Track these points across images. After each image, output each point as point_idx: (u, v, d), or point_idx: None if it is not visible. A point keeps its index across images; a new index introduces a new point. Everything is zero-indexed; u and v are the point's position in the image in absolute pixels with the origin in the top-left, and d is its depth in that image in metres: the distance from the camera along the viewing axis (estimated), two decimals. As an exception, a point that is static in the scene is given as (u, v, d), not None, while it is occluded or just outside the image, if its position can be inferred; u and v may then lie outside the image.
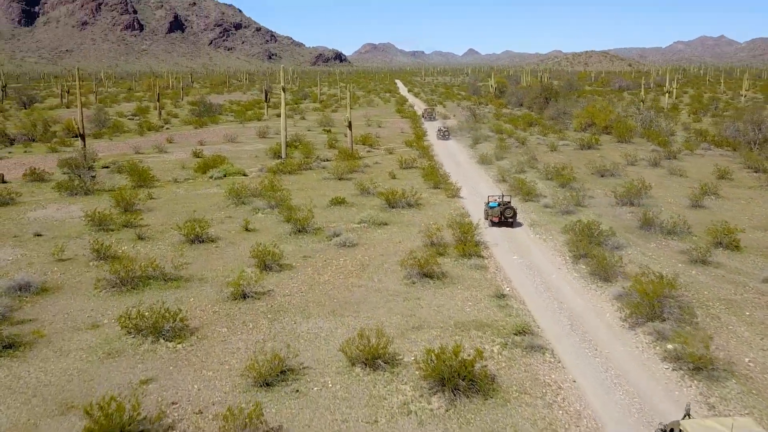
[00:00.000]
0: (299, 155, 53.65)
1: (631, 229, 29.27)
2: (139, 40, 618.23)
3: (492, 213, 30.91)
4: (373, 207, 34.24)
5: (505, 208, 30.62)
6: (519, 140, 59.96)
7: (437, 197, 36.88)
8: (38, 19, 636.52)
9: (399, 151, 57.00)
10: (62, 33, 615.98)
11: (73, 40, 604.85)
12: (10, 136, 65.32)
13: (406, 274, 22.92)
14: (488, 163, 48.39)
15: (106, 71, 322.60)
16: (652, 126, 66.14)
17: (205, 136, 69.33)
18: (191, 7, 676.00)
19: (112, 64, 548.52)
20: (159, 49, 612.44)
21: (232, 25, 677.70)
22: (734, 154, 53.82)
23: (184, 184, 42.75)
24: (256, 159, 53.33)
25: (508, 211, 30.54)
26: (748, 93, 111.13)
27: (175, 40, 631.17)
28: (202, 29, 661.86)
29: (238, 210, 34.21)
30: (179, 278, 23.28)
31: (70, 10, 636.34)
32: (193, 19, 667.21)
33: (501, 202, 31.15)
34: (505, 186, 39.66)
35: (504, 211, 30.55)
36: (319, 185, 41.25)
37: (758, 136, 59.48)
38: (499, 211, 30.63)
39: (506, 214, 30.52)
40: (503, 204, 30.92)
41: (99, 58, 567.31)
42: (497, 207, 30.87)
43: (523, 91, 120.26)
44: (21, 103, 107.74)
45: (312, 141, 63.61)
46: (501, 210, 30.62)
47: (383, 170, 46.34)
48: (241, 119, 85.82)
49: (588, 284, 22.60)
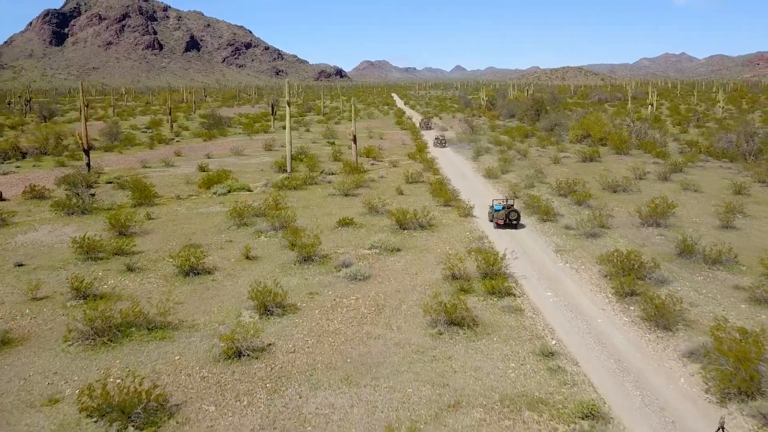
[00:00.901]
0: (304, 169, 48.22)
1: (668, 256, 23.89)
2: (158, 58, 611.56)
3: (497, 216, 29.40)
4: (383, 229, 28.81)
5: (509, 210, 29.21)
6: (520, 152, 54.52)
7: (449, 216, 31.43)
8: (67, 39, 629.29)
9: (403, 163, 51.57)
10: (89, 52, 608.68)
11: (99, 58, 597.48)
12: (23, 150, 59.73)
13: (430, 320, 17.52)
14: (495, 177, 42.95)
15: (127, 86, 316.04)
16: (646, 137, 60.84)
17: (212, 148, 63.76)
18: (206, 29, 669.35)
19: (134, 80, 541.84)
20: (176, 67, 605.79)
21: (243, 44, 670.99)
22: (734, 166, 48.54)
23: (186, 201, 37.23)
24: (261, 173, 47.83)
25: (512, 213, 29.15)
26: (722, 105, 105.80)
27: (191, 58, 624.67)
28: (215, 48, 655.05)
29: (240, 233, 28.73)
30: (166, 326, 17.82)
31: (96, 32, 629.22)
32: (208, 39, 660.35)
33: (505, 205, 29.70)
34: (519, 203, 34.30)
35: (509, 214, 29.11)
36: (324, 202, 35.78)
37: (753, 147, 54.32)
38: (503, 214, 29.18)
39: (511, 216, 29.12)
40: (507, 207, 29.50)
41: (122, 75, 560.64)
42: (502, 210, 29.43)
43: (513, 104, 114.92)
44: (41, 116, 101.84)
45: (317, 153, 58.12)
46: (506, 213, 29.16)
47: (389, 185, 40.91)
48: (248, 132, 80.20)
49: (644, 333, 17.18)
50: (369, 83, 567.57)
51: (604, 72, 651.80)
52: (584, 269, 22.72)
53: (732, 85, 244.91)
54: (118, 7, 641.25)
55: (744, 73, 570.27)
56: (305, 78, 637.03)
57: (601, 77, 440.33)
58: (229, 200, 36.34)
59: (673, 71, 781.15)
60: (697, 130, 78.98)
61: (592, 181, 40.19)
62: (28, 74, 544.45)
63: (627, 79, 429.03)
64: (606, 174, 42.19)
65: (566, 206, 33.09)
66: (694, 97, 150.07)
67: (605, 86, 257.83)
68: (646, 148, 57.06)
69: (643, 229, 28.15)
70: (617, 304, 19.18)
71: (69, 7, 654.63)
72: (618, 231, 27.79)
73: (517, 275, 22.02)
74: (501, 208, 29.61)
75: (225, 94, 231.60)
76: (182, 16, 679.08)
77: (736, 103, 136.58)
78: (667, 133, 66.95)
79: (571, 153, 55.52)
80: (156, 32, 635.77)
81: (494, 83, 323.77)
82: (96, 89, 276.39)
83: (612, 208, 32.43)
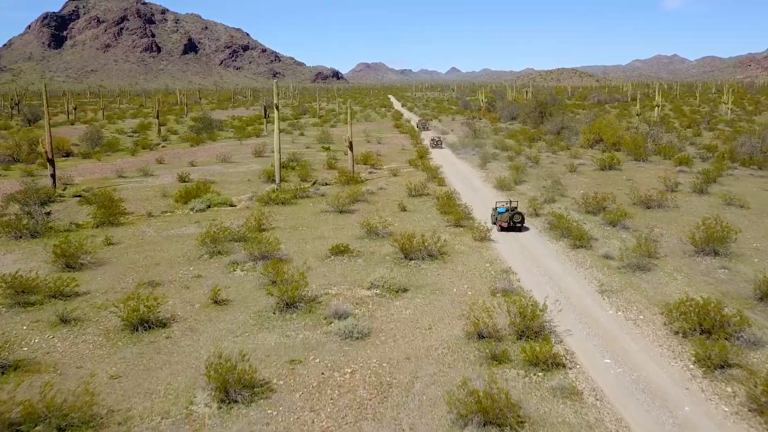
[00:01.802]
0: (295, 179, 42.93)
1: (746, 301, 18.68)
2: (156, 61, 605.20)
3: (501, 218, 27.68)
4: (384, 258, 23.54)
5: (513, 213, 27.51)
6: (531, 159, 49.25)
7: (463, 240, 26.14)
8: (66, 42, 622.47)
9: (404, 171, 46.30)
10: (88, 55, 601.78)
11: (97, 61, 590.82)
12: (-7, 157, 54.29)
13: (456, 417, 12.22)
14: (508, 188, 37.66)
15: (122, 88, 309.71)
16: (662, 142, 55.64)
17: (199, 155, 58.40)
18: (203, 31, 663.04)
19: (132, 82, 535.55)
20: (174, 69, 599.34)
21: (240, 47, 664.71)
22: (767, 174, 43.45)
23: (158, 219, 31.85)
24: (248, 183, 42.50)
25: (516, 216, 27.46)
26: (730, 106, 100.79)
27: (189, 61, 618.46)
28: (213, 51, 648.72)
29: (212, 264, 23.38)
30: (87, 421, 12.51)
31: (94, 34, 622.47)
32: (205, 41, 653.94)
33: (509, 207, 28.02)
34: (541, 221, 29.05)
35: (512, 217, 27.42)
36: (316, 221, 30.45)
37: (781, 153, 49.31)
38: (507, 217, 27.44)
39: (515, 219, 27.46)
40: (511, 209, 27.83)
41: (121, 77, 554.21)
42: (506, 212, 27.69)
43: (514, 106, 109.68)
44: (26, 120, 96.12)
45: (310, 160, 52.81)
46: (510, 215, 27.42)
47: (390, 198, 35.63)
48: (240, 136, 74.71)
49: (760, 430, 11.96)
50: (365, 85, 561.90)
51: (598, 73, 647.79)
52: (644, 321, 17.45)
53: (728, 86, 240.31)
54: (116, 10, 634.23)
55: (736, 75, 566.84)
56: (302, 80, 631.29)
57: (596, 78, 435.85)
58: (208, 218, 31.05)
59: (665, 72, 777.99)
60: (710, 133, 73.90)
61: (618, 193, 35.00)
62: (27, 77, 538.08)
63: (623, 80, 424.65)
64: (632, 185, 37.01)
65: (598, 227, 27.82)
66: (696, 98, 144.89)
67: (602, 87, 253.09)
68: (665, 153, 51.90)
69: (698, 259, 22.90)
70: (706, 382, 13.90)
71: (68, 10, 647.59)
72: (669, 262, 22.54)
73: (560, 329, 16.76)
74: (504, 210, 27.83)
75: (220, 96, 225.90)
76: (180, 18, 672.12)
77: (739, 105, 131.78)
78: (683, 137, 61.67)
79: (585, 159, 50.32)
80: (154, 35, 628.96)
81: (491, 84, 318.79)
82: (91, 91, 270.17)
83: (652, 228, 27.21)
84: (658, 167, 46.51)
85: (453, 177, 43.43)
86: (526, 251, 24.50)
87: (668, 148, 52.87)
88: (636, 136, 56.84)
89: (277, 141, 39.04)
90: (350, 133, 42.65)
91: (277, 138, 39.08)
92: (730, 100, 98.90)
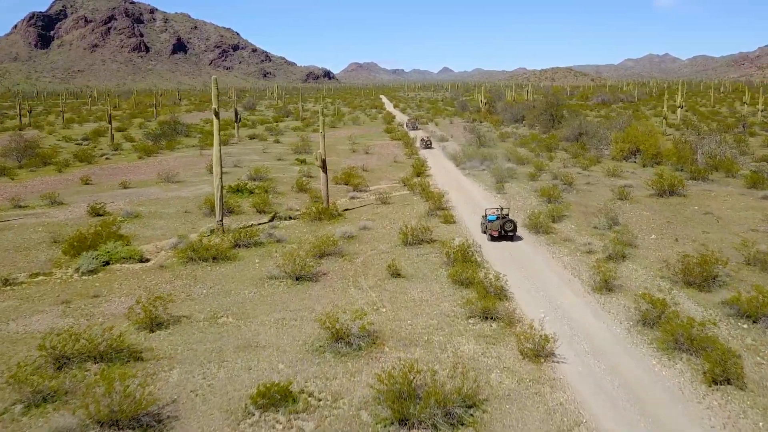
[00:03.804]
0: (250, 209, 31.37)
1: None
2: (145, 61, 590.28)
3: (491, 227, 24.70)
4: (358, 420, 11.92)
5: (505, 221, 24.54)
6: (560, 178, 37.65)
7: (502, 357, 14.41)
8: (53, 42, 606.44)
9: (396, 196, 34.82)
10: (75, 55, 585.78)
11: (84, 61, 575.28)
12: None
13: None
14: (545, 230, 25.92)
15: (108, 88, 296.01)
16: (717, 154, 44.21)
17: (141, 171, 46.54)
18: (193, 31, 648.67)
19: (120, 83, 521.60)
20: (163, 69, 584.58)
21: (230, 46, 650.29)
22: None
23: (18, 289, 20.15)
24: (184, 217, 30.79)
25: (508, 224, 24.49)
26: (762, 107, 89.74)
27: (178, 61, 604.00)
28: (202, 50, 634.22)
29: None
30: None
31: (82, 34, 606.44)
32: (195, 41, 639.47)
33: (500, 215, 25.06)
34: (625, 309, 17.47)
35: (504, 225, 24.43)
36: (254, 301, 18.71)
37: None
38: (498, 225, 24.47)
39: (506, 227, 24.47)
40: (502, 216, 24.92)
41: (108, 78, 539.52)
42: (496, 220, 24.72)
43: (517, 107, 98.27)
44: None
45: (278, 178, 41.25)
46: (501, 224, 24.43)
47: (376, 248, 24.00)
48: (203, 144, 62.80)
49: None
50: (357, 85, 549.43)
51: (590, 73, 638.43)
52: None
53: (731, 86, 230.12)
54: (104, 9, 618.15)
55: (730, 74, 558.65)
56: (293, 80, 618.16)
57: (591, 78, 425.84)
58: (94, 287, 19.48)
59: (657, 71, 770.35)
60: (752, 138, 62.68)
61: (711, 240, 23.56)
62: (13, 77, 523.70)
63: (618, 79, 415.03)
64: (717, 221, 25.64)
65: (727, 323, 16.25)
66: (710, 97, 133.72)
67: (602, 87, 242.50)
68: (726, 169, 40.60)
69: None
70: None
71: (55, 10, 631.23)
72: None
73: None
74: (495, 218, 25.17)
75: (201, 96, 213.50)
76: (169, 18, 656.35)
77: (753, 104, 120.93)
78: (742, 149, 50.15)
79: (629, 177, 38.95)
80: (142, 34, 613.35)
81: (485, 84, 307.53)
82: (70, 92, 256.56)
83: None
84: (727, 189, 35.23)
85: (463, 207, 31.81)
86: (632, 395, 12.91)
87: (728, 163, 41.55)
88: (680, 145, 45.45)
89: (217, 161, 27.26)
90: (323, 148, 30.89)
91: (216, 156, 27.31)
92: (762, 101, 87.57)
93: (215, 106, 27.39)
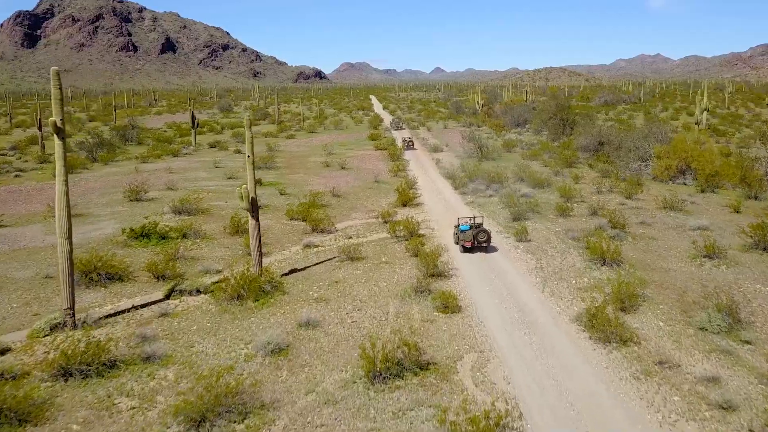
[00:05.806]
0: (146, 272, 20.16)
1: None
2: (133, 61, 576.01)
3: (464, 237, 22.01)
4: None
5: (478, 231, 21.82)
6: (601, 213, 26.55)
7: None
8: (40, 41, 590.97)
9: (371, 241, 23.63)
10: (62, 54, 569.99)
11: (72, 61, 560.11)
12: None
13: None
14: (621, 338, 14.74)
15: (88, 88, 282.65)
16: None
17: (42, 196, 35.10)
18: (182, 30, 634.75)
19: (108, 82, 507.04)
20: (152, 69, 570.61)
21: (220, 46, 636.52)
22: None
23: None
24: (42, 286, 19.53)
25: (481, 234, 21.85)
26: None
27: (167, 60, 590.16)
28: (192, 50, 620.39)
29: None
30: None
31: (69, 33, 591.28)
32: (184, 41, 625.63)
33: (473, 225, 22.39)
34: None
35: (477, 235, 21.77)
36: None
37: None
38: (471, 235, 21.77)
39: (479, 237, 21.81)
40: (475, 226, 22.23)
41: (96, 77, 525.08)
42: (469, 230, 22.02)
43: (518, 109, 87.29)
44: None
45: (215, 207, 30.01)
46: (473, 233, 21.76)
47: (313, 399, 12.77)
48: (147, 156, 51.29)
49: None
50: (349, 85, 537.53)
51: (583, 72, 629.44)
52: None
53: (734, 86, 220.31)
54: (91, 8, 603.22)
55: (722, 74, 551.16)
56: (284, 80, 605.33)
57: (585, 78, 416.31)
58: None
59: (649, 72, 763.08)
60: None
61: None
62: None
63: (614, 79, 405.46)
64: None
65: None
66: (725, 98, 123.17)
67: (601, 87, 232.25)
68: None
69: None
70: None
71: (42, 9, 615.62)
72: None
73: None
74: (468, 228, 22.04)
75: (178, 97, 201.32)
76: (158, 17, 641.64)
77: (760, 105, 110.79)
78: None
79: (694, 213, 27.91)
80: (131, 34, 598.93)
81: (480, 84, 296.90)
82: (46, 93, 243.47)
83: None
84: None
85: (472, 267, 20.55)
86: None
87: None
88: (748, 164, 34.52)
89: (62, 211, 16.00)
90: (253, 184, 19.61)
91: (62, 201, 16.07)
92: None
93: (56, 117, 16.09)
